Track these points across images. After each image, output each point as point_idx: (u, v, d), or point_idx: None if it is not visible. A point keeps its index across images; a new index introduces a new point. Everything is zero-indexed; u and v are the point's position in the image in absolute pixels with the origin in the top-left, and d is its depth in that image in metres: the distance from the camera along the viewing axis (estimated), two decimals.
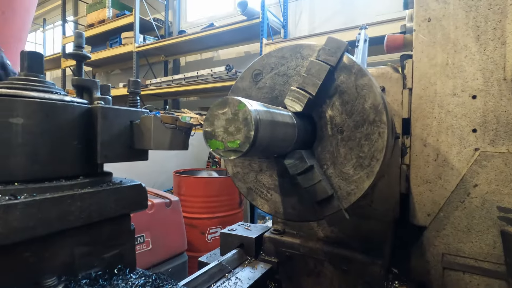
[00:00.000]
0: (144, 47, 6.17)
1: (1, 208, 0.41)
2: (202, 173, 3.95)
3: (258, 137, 0.49)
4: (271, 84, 0.77)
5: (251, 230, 1.14)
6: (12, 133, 0.47)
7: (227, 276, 0.92)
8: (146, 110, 0.68)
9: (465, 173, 0.90)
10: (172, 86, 5.68)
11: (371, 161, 0.66)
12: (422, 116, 0.96)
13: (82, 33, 0.64)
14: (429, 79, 0.95)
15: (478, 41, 0.88)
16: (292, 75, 0.74)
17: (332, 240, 1.01)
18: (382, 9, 4.39)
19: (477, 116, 0.88)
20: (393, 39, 1.20)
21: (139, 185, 0.62)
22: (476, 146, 0.88)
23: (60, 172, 0.53)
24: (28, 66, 0.54)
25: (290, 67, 0.75)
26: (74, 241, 0.53)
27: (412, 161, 0.98)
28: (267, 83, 0.77)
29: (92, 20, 6.93)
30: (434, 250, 0.96)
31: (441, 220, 0.94)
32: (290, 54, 0.75)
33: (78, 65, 0.65)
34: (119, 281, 0.57)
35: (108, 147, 0.57)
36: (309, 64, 0.68)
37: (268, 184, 0.78)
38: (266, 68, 0.78)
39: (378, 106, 0.66)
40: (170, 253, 2.51)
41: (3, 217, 0.41)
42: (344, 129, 0.69)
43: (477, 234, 0.89)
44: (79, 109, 0.55)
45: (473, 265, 0.90)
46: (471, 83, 0.89)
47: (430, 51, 0.94)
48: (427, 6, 0.95)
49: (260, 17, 4.59)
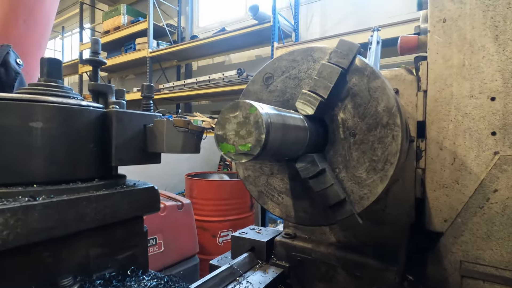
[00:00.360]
0: (157, 52, 6.30)
1: (21, 209, 0.42)
2: (213, 176, 3.97)
3: (269, 141, 0.49)
4: (282, 87, 0.77)
5: (262, 234, 1.14)
6: (32, 137, 0.48)
7: (238, 279, 0.92)
8: (159, 114, 0.69)
9: (484, 178, 0.86)
10: (185, 90, 5.76)
11: (384, 165, 0.65)
12: (438, 119, 0.93)
13: (98, 40, 0.66)
14: (445, 80, 0.92)
15: (497, 41, 0.85)
16: (304, 78, 0.74)
17: (345, 245, 0.99)
18: (395, 11, 4.32)
19: (496, 118, 0.85)
20: (407, 41, 1.18)
21: (152, 188, 0.63)
22: (496, 149, 0.85)
23: (76, 175, 0.54)
24: (47, 72, 0.56)
25: (302, 70, 0.74)
26: (89, 242, 0.54)
27: (427, 165, 0.95)
28: (278, 86, 0.77)
29: (108, 27, 7.14)
30: (452, 257, 0.93)
31: (458, 226, 0.91)
32: (301, 57, 0.75)
33: (94, 70, 0.67)
34: (132, 282, 0.57)
35: (123, 150, 0.58)
36: (321, 67, 0.68)
37: (279, 188, 0.78)
38: (277, 71, 0.78)
39: (391, 109, 0.65)
40: (181, 255, 2.53)
41: (22, 218, 0.42)
42: (356, 132, 0.68)
43: (497, 241, 0.85)
44: (95, 113, 0.56)
45: (493, 274, 0.86)
46: (490, 85, 0.86)
47: (446, 52, 0.92)
48: (442, 6, 0.93)
49: (271, 21, 4.61)
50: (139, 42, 6.64)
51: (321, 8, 5.22)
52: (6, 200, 0.43)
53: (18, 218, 0.42)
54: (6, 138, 0.47)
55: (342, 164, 0.69)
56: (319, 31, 5.23)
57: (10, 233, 0.41)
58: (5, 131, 0.46)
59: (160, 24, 6.61)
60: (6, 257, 0.44)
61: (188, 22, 7.11)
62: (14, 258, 0.45)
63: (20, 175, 0.48)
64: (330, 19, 5.13)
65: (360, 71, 0.68)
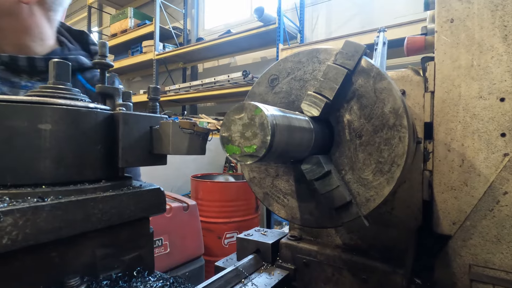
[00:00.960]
0: (163, 54, 6.36)
1: (30, 209, 0.43)
2: (219, 178, 3.98)
3: (275, 142, 0.48)
4: (287, 89, 0.76)
5: (268, 236, 1.14)
6: (41, 139, 0.49)
7: (244, 281, 0.92)
8: (165, 116, 0.69)
9: (494, 180, 0.85)
10: (190, 92, 5.79)
11: (391, 167, 0.64)
12: (446, 120, 0.92)
13: (106, 43, 0.67)
14: (453, 81, 0.91)
15: (506, 41, 0.83)
16: (309, 79, 0.74)
17: (351, 248, 0.98)
18: (401, 11, 4.29)
19: (506, 119, 0.83)
20: (414, 41, 1.17)
21: (158, 189, 0.63)
22: (506, 151, 0.83)
23: (83, 176, 0.55)
24: (56, 74, 0.57)
25: (307, 71, 0.74)
26: (95, 243, 0.54)
27: (435, 167, 0.94)
28: (283, 88, 0.77)
29: (115, 30, 7.24)
30: (461, 260, 0.91)
31: (467, 229, 0.89)
32: (306, 59, 0.74)
33: (101, 73, 0.67)
34: (138, 283, 0.58)
35: (129, 151, 0.58)
36: (326, 68, 0.68)
37: (284, 190, 0.78)
38: (282, 73, 0.78)
39: (398, 110, 0.64)
40: (187, 256, 2.54)
41: (31, 218, 0.43)
42: (362, 134, 0.68)
43: (508, 245, 0.84)
44: (102, 115, 0.57)
45: (504, 278, 0.84)
46: (499, 85, 0.84)
47: (454, 53, 0.91)
48: (449, 6, 0.92)
49: (277, 22, 4.61)
50: (146, 45, 6.71)
51: (327, 10, 5.21)
52: (16, 200, 0.44)
53: (27, 219, 0.42)
54: (15, 140, 0.47)
55: (348, 166, 0.69)
56: (324, 33, 5.22)
57: (19, 233, 0.41)
58: (15, 133, 0.47)
59: (166, 27, 6.68)
60: (15, 257, 0.44)
61: (194, 25, 7.17)
62: (23, 258, 0.46)
63: (29, 176, 0.49)
64: (336, 20, 5.11)
65: (366, 72, 0.67)
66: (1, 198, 0.44)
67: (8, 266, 0.44)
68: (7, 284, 0.44)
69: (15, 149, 0.47)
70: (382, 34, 1.71)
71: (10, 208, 0.41)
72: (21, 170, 0.48)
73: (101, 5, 8.92)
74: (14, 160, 0.47)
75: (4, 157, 0.47)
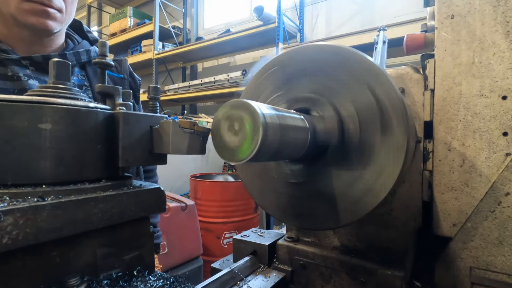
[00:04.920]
0: (163, 54, 6.35)
1: (30, 209, 0.43)
2: (218, 178, 3.97)
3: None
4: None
5: (265, 237, 1.12)
6: (41, 138, 0.49)
7: (239, 284, 0.90)
8: (165, 115, 0.68)
9: (495, 180, 0.83)
10: (190, 91, 5.79)
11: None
12: (446, 119, 0.90)
13: (106, 42, 0.66)
14: (453, 79, 0.89)
15: (508, 37, 0.81)
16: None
17: (349, 250, 0.96)
18: (401, 10, 4.27)
19: (508, 118, 0.81)
20: (413, 38, 1.15)
21: (158, 189, 0.63)
22: (508, 150, 0.81)
23: (84, 175, 0.54)
24: (56, 74, 0.57)
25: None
26: (96, 242, 0.54)
27: (435, 167, 0.92)
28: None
29: (114, 30, 7.22)
30: (461, 263, 0.89)
31: (468, 231, 0.87)
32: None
33: (101, 72, 0.67)
34: (139, 282, 0.58)
35: (129, 151, 0.58)
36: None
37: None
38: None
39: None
40: (185, 257, 2.52)
41: (32, 218, 0.43)
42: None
43: (510, 247, 0.82)
44: (102, 115, 0.57)
45: (506, 281, 0.82)
46: (501, 83, 0.82)
47: (454, 50, 0.89)
48: (450, 2, 0.89)
49: (276, 21, 4.59)
50: (145, 44, 6.70)
51: (326, 9, 5.18)
52: (16, 200, 0.44)
53: (27, 218, 0.42)
54: (16, 140, 0.47)
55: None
56: (324, 32, 5.20)
57: (19, 233, 0.41)
58: (15, 133, 0.47)
59: (165, 26, 6.66)
60: (15, 256, 0.44)
61: (194, 24, 7.15)
62: (23, 258, 0.46)
63: (29, 176, 0.49)
64: (336, 19, 5.09)
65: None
66: (1, 197, 0.44)
67: (8, 266, 0.44)
68: (7, 284, 0.45)
69: (15, 148, 0.47)
70: (382, 33, 1.69)
71: (10, 207, 0.41)
72: (21, 170, 0.48)
73: (100, 4, 8.91)
74: (14, 160, 0.47)
75: (4, 157, 0.46)
